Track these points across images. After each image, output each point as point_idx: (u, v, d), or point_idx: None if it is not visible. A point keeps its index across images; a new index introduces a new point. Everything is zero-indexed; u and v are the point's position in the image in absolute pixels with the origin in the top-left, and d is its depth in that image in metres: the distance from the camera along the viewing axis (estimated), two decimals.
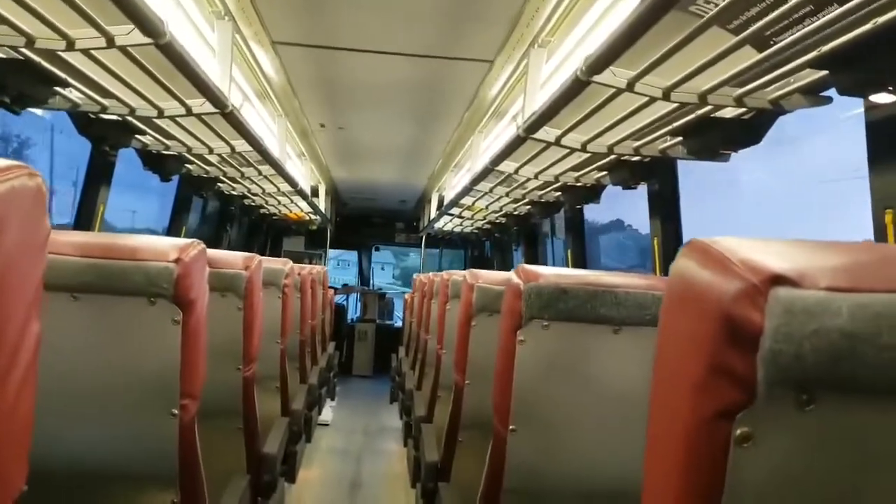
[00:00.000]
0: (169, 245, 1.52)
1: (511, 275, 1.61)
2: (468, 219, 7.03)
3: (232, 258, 2.28)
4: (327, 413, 6.70)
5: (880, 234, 1.77)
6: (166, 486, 1.57)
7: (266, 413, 2.75)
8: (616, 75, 1.97)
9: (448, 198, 6.21)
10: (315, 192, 7.14)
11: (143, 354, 1.52)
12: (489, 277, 2.35)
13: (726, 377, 0.63)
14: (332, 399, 7.23)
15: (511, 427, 1.55)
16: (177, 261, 1.49)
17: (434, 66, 3.45)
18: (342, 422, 6.81)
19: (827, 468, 0.63)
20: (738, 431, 0.62)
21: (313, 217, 8.02)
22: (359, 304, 11.08)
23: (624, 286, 1.53)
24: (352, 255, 13.65)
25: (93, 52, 2.08)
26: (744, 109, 2.07)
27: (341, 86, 4.00)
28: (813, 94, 1.92)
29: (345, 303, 11.00)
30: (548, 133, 2.76)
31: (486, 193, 4.94)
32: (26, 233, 0.76)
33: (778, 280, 0.61)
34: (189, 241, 1.57)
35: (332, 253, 11.68)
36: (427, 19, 2.88)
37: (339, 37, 3.17)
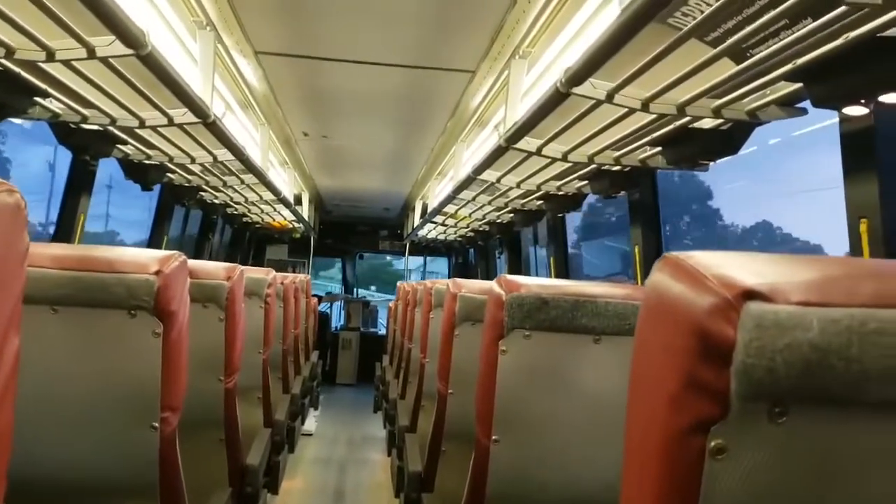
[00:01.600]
0: (149, 257, 1.52)
1: (493, 285, 1.62)
2: (452, 227, 7.04)
3: (213, 268, 2.27)
4: (311, 423, 6.67)
5: (855, 242, 1.80)
6: (147, 500, 1.56)
7: (248, 424, 2.74)
8: (596, 87, 1.99)
9: (432, 206, 6.22)
10: (298, 201, 7.13)
11: (123, 367, 1.51)
12: (472, 287, 2.35)
13: (700, 390, 0.64)
14: (316, 408, 7.20)
15: (493, 437, 1.55)
16: (157, 273, 1.49)
17: (417, 75, 3.46)
18: (326, 431, 6.79)
19: (799, 480, 0.64)
20: (712, 444, 0.63)
21: (297, 225, 8.01)
22: (342, 313, 11.05)
23: (603, 296, 1.54)
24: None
25: (73, 62, 2.08)
26: (721, 120, 2.10)
27: (325, 95, 4.01)
28: (789, 106, 1.94)
29: (328, 311, 10.97)
30: (529, 143, 2.77)
31: (469, 202, 4.95)
32: (4, 248, 0.76)
33: (750, 295, 0.62)
34: (170, 252, 1.56)
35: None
36: (409, 30, 2.89)
37: (322, 47, 3.18)
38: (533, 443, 1.56)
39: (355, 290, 11.77)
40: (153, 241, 4.89)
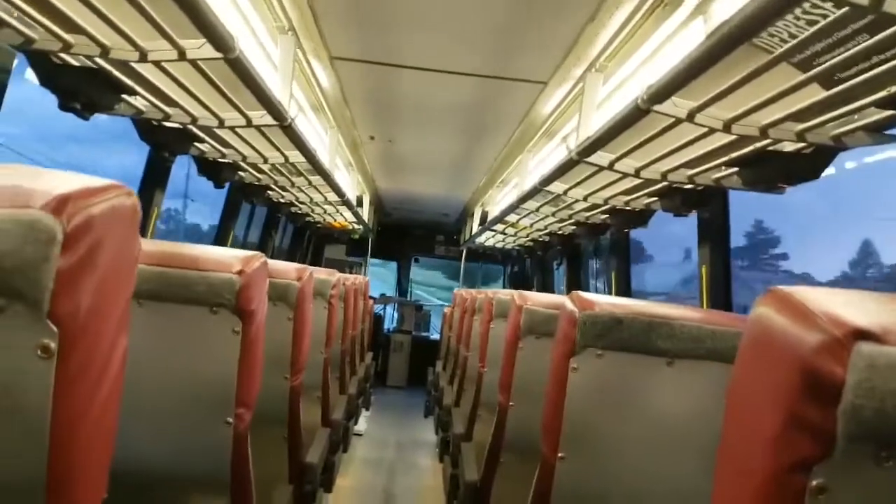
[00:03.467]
0: (233, 257, 1.56)
1: (565, 301, 1.62)
2: (510, 235, 7.03)
3: (285, 269, 2.32)
4: (362, 423, 6.73)
5: None
6: (218, 494, 1.60)
7: (307, 422, 2.78)
8: (677, 105, 1.97)
9: (492, 213, 6.22)
10: (360, 202, 7.21)
11: (202, 363, 1.56)
12: (538, 300, 2.35)
13: (804, 429, 0.63)
14: (367, 409, 7.26)
15: (560, 454, 1.55)
16: (240, 272, 1.53)
17: (488, 85, 3.47)
18: (376, 433, 6.84)
19: None
20: (814, 483, 0.63)
21: (356, 226, 8.09)
22: (395, 315, 11.12)
23: (679, 318, 1.53)
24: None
25: (163, 63, 2.14)
26: (804, 144, 2.06)
27: (394, 101, 4.05)
28: (877, 132, 1.90)
29: (382, 313, 11.05)
30: (601, 157, 2.75)
31: (531, 212, 4.94)
32: (122, 250, 0.79)
33: (861, 335, 0.61)
34: (252, 253, 1.60)
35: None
36: (484, 40, 2.90)
37: (396, 54, 3.21)
38: (600, 462, 1.55)
39: (409, 292, 11.83)
40: (220, 238, 5.00)
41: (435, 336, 10.64)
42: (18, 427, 0.72)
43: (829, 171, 2.30)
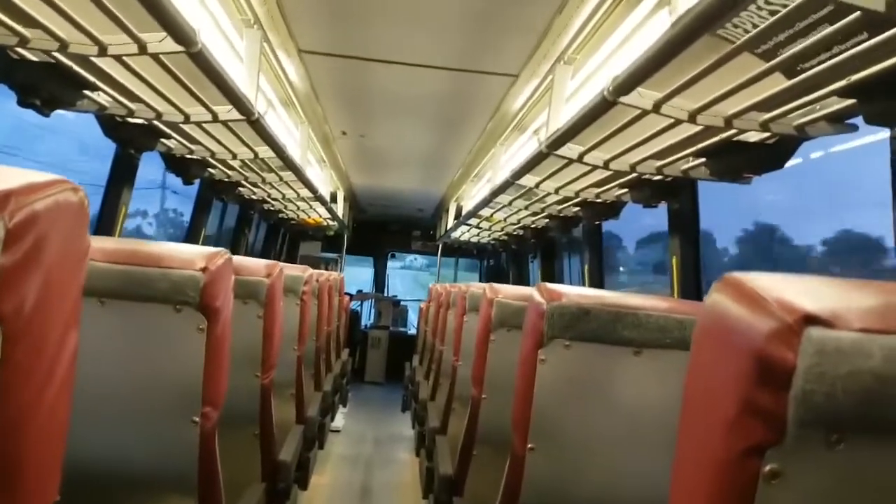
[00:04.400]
0: (196, 253, 1.54)
1: (533, 292, 1.62)
2: (485, 230, 7.04)
3: (254, 265, 2.30)
4: (339, 420, 6.71)
5: None
6: (186, 494, 1.58)
7: (281, 420, 2.76)
8: (643, 96, 1.98)
9: (466, 208, 6.22)
10: (334, 198, 7.18)
11: (167, 361, 1.54)
12: (509, 292, 2.35)
13: (757, 414, 0.63)
14: (345, 406, 7.24)
15: (529, 445, 1.55)
16: (203, 269, 1.51)
17: (459, 78, 3.46)
18: (353, 429, 6.82)
19: None
20: (767, 468, 0.63)
21: (331, 223, 8.06)
22: (373, 311, 11.09)
23: (645, 308, 1.53)
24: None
25: (123, 57, 2.11)
26: (768, 134, 2.07)
27: (365, 95, 4.03)
28: (839, 122, 1.91)
29: (359, 309, 11.02)
30: (571, 150, 2.76)
31: (504, 206, 4.94)
32: (68, 246, 0.78)
33: (812, 320, 0.61)
34: (216, 249, 1.58)
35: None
36: (454, 32, 2.89)
37: (366, 47, 3.20)
38: (569, 453, 1.56)
39: (386, 288, 11.81)
40: (191, 236, 4.95)
41: (413, 331, 10.64)
42: None
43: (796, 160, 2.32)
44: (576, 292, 1.57)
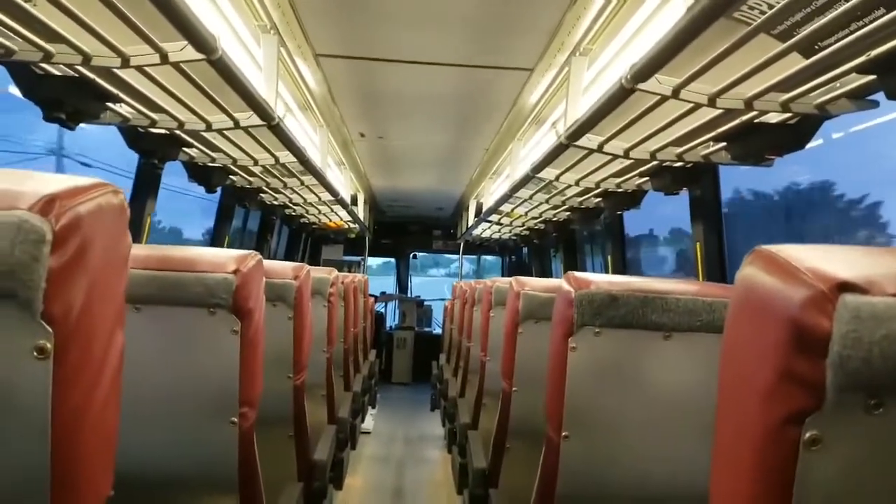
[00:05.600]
0: (227, 256, 1.57)
1: (561, 282, 1.63)
2: (507, 225, 7.04)
3: (282, 268, 2.32)
4: (368, 421, 6.74)
5: None
6: (227, 493, 1.61)
7: (313, 421, 2.79)
8: (661, 83, 1.98)
9: (487, 205, 6.23)
10: (354, 201, 7.21)
11: (203, 364, 1.56)
12: (535, 284, 2.36)
13: (795, 382, 0.64)
14: (374, 407, 7.28)
15: (564, 433, 1.56)
16: (235, 272, 1.54)
17: (474, 75, 3.47)
18: (383, 429, 6.85)
19: (894, 470, 0.64)
20: (807, 435, 0.64)
21: (352, 225, 8.09)
22: (397, 312, 11.13)
23: (674, 292, 1.54)
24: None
25: (145, 68, 2.14)
26: (789, 114, 2.07)
27: (382, 96, 4.05)
28: (860, 99, 1.91)
29: (383, 310, 11.05)
30: (590, 140, 2.76)
31: (525, 200, 4.95)
32: (111, 248, 0.80)
33: (846, 287, 0.62)
34: (246, 252, 1.61)
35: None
36: (467, 30, 2.90)
37: (381, 48, 3.22)
38: (604, 439, 1.57)
39: (409, 289, 11.84)
40: (215, 243, 5.00)
41: (438, 331, 10.65)
42: (19, 428, 0.72)
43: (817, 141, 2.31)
44: (604, 279, 1.58)
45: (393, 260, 11.95)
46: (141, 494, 1.56)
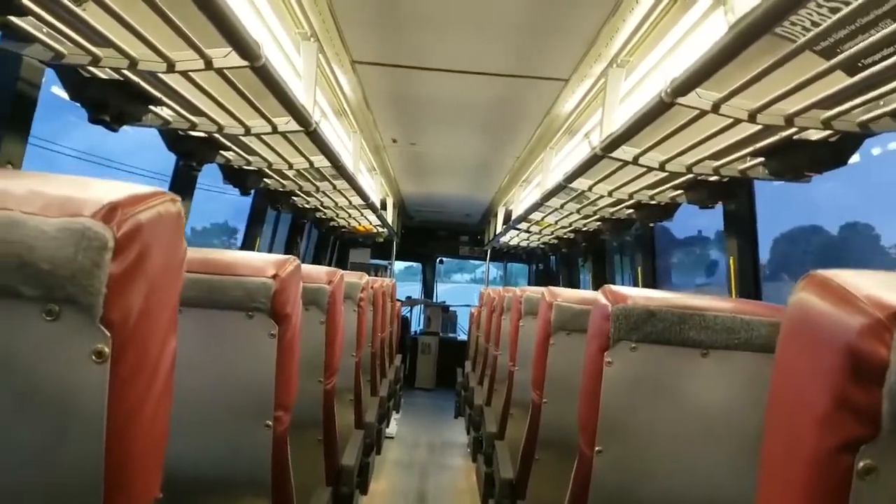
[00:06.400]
0: (267, 261, 1.58)
1: (597, 295, 1.62)
2: (535, 234, 7.02)
3: (316, 273, 2.34)
4: (392, 426, 6.75)
5: None
6: (259, 496, 1.62)
7: (341, 425, 2.81)
8: (701, 97, 1.97)
9: (516, 212, 6.22)
10: (384, 205, 7.24)
11: (240, 367, 1.58)
12: (568, 296, 2.36)
13: (850, 410, 0.64)
14: (398, 412, 7.29)
15: (598, 448, 1.55)
16: (274, 276, 1.55)
17: (509, 84, 3.48)
18: (407, 435, 6.86)
19: None
20: (861, 464, 0.63)
21: (381, 230, 8.12)
22: (422, 317, 11.13)
23: (712, 309, 1.53)
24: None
25: (189, 73, 2.17)
26: (830, 132, 2.05)
27: (416, 103, 4.07)
28: None
29: (408, 315, 11.07)
30: (625, 152, 2.76)
31: (556, 209, 4.93)
32: (168, 255, 0.82)
33: None
34: (285, 257, 1.63)
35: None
36: (505, 39, 2.91)
37: (417, 56, 3.23)
38: (637, 455, 1.56)
39: (435, 294, 11.85)
40: (246, 245, 5.04)
41: (462, 337, 10.65)
42: (76, 429, 0.74)
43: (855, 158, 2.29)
44: (641, 294, 1.57)
45: (416, 265, 11.97)
46: (176, 495, 1.58)
